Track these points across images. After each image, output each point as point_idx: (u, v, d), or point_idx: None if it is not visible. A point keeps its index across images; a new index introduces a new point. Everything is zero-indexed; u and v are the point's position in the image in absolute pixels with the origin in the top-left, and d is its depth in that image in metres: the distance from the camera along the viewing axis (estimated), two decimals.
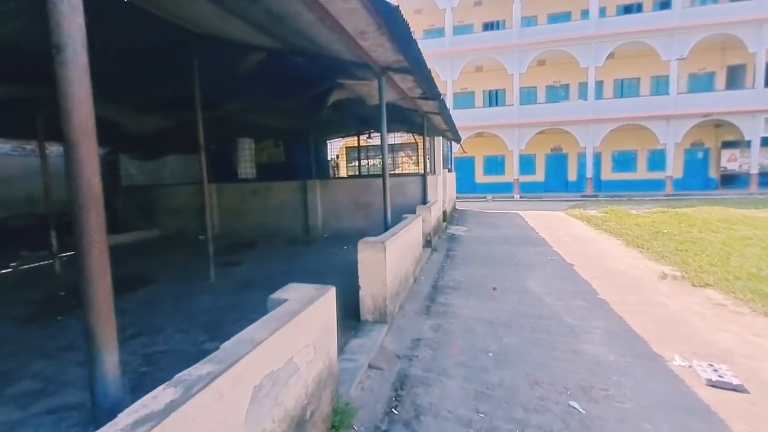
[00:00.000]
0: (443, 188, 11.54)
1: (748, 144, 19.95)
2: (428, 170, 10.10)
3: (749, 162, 20.41)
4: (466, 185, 24.77)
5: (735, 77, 21.55)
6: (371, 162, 16.34)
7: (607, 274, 5.96)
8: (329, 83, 6.14)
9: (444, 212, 11.45)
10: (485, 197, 21.70)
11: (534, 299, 4.91)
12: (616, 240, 8.85)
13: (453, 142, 17.20)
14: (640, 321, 4.11)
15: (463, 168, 24.82)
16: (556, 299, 4.87)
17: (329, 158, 16.94)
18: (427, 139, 9.75)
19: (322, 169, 14.73)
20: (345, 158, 18.34)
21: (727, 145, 21.92)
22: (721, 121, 20.48)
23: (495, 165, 24.73)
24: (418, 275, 6.10)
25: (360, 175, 13.83)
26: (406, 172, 14.68)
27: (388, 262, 3.99)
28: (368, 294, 4.01)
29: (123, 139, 8.75)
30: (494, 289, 5.37)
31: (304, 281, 2.46)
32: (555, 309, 4.53)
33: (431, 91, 6.19)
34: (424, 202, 8.70)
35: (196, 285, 5.76)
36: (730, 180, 21.80)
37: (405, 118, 9.98)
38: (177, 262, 7.43)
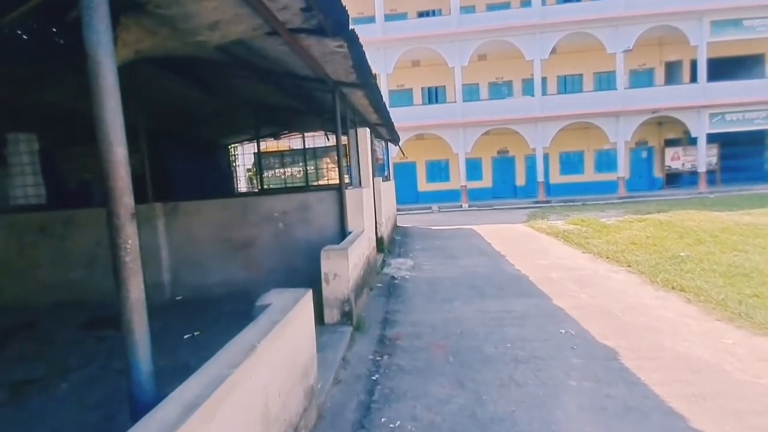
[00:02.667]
0: (378, 204, 8.20)
1: (692, 141, 19.19)
2: (351, 180, 6.66)
3: (693, 160, 19.71)
4: (408, 194, 21.81)
5: (673, 73, 20.97)
6: (290, 171, 12.59)
7: (699, 383, 2.87)
8: None
9: (380, 239, 8.07)
10: (430, 208, 18.86)
11: None
12: (631, 274, 6.04)
13: (391, 145, 14.04)
14: None
15: (404, 175, 21.86)
16: None
17: (235, 168, 12.87)
18: (349, 134, 6.34)
19: (222, 185, 10.68)
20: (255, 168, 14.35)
21: (670, 143, 21.24)
22: (664, 119, 19.62)
23: (439, 170, 22.10)
24: None
25: (242, 194, 10.07)
26: (323, 184, 11.10)
27: None
28: None
29: None
30: None
31: None
32: None
33: (330, 17, 2.78)
34: (343, 233, 5.23)
35: None
36: (675, 179, 21.10)
37: (309, 100, 6.47)
38: None
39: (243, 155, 13.26)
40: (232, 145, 12.71)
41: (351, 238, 4.85)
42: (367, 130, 6.60)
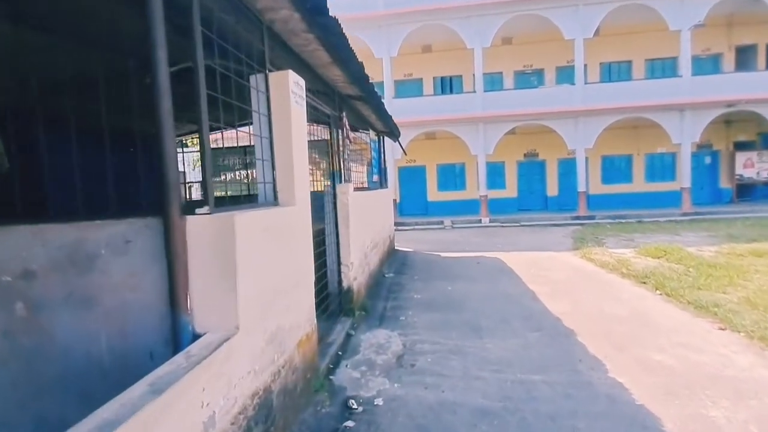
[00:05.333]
0: (347, 232, 4.66)
1: None
2: (249, 191, 3.13)
3: None
4: (415, 205, 18.22)
5: (745, 60, 16.95)
6: (233, 174, 9.15)
7: None
8: None
9: (345, 292, 4.51)
10: (441, 222, 15.22)
11: None
12: None
13: (387, 139, 10.49)
14: None
15: (410, 181, 18.29)
16: None
17: (187, 170, 9.46)
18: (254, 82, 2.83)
19: (162, 193, 7.28)
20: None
21: (740, 146, 17.18)
22: (733, 116, 15.64)
23: (453, 176, 18.44)
24: None
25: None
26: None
27: None
28: None
29: None
30: None
31: None
32: None
33: None
34: (180, 333, 1.71)
35: None
36: (747, 191, 16.99)
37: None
38: None
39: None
40: (188, 139, 9.38)
41: (183, 382, 1.34)
42: (298, 82, 3.05)
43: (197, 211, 1.97)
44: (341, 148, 5.24)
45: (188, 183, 10.72)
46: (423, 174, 18.40)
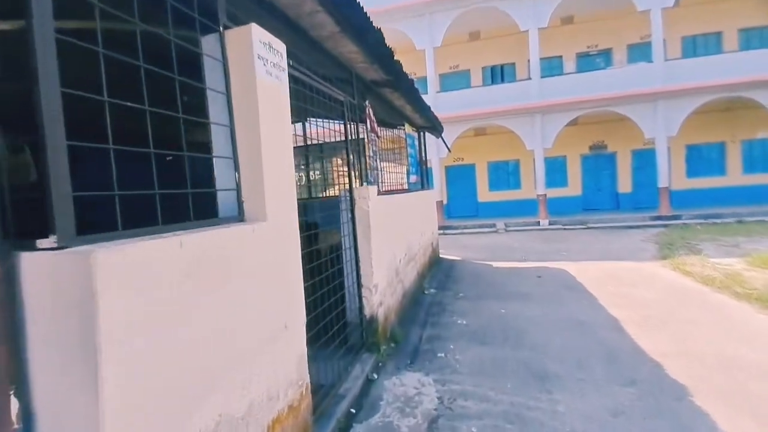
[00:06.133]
0: (387, 246, 3.74)
1: None
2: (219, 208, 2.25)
3: None
4: (464, 206, 16.89)
5: None
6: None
7: None
8: None
9: (368, 322, 3.58)
10: (494, 225, 13.79)
11: None
12: None
13: (431, 137, 9.44)
14: None
15: (458, 181, 17.00)
16: None
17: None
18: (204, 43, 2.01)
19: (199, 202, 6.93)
20: None
21: None
22: None
23: (506, 174, 16.84)
24: None
25: None
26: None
27: None
28: None
29: None
30: None
31: None
32: None
33: None
34: None
35: None
36: None
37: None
38: None
39: None
40: None
41: None
42: (271, 43, 2.16)
43: (39, 243, 1.13)
44: (363, 144, 4.33)
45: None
46: (472, 173, 17.00)
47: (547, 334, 4.19)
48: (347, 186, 3.76)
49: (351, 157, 3.75)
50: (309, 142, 5.19)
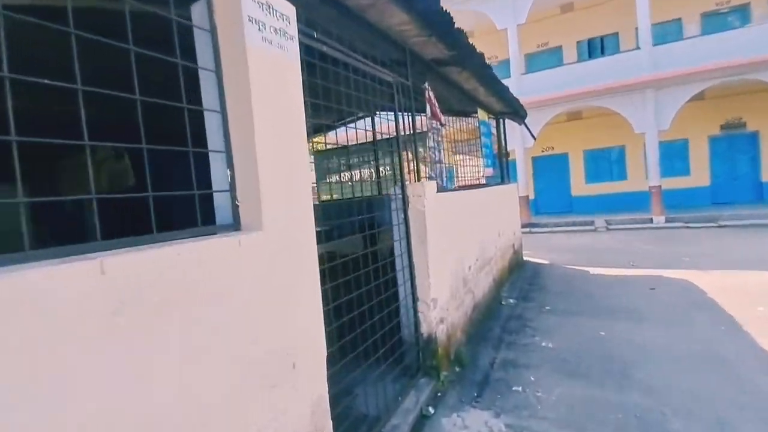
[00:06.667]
0: (450, 251, 3.15)
1: None
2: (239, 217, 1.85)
3: None
4: (554, 201, 15.10)
5: None
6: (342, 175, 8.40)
7: None
8: None
9: (426, 341, 3.01)
10: (591, 222, 11.99)
11: None
12: None
13: (508, 125, 8.37)
14: None
15: (547, 172, 15.25)
16: None
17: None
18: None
19: None
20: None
21: None
22: None
23: (607, 163, 14.62)
24: None
25: None
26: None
27: None
28: None
29: None
30: None
31: None
32: None
33: None
34: None
35: None
36: None
37: None
38: None
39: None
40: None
41: None
42: (269, 2, 1.69)
43: None
44: (422, 132, 3.73)
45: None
46: (565, 163, 15.10)
47: (666, 372, 3.15)
48: (400, 181, 3.21)
49: (404, 148, 3.19)
50: (378, 137, 4.74)
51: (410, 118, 3.42)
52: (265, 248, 1.56)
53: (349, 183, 5.34)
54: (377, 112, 4.28)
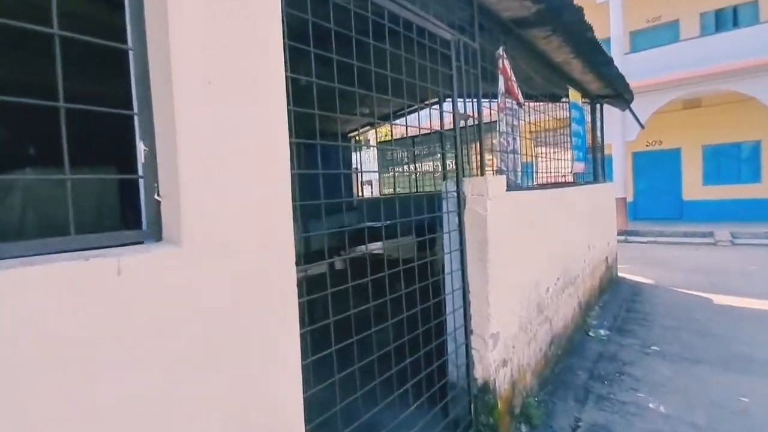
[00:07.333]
0: (521, 269, 2.33)
1: None
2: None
3: None
4: (660, 205, 12.76)
5: None
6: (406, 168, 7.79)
7: None
8: None
9: (483, 390, 2.21)
10: (710, 233, 9.78)
11: None
12: None
13: (605, 112, 6.92)
14: None
15: (652, 171, 12.93)
16: None
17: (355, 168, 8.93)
18: None
19: (341, 193, 6.84)
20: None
21: None
22: None
23: (733, 162, 11.90)
24: None
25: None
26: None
27: None
28: None
29: None
30: None
31: None
32: None
33: None
34: None
35: None
36: None
37: None
38: None
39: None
40: (353, 135, 8.89)
41: None
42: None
43: None
44: (490, 111, 2.88)
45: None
46: (676, 160, 12.64)
47: None
48: (455, 175, 2.42)
49: (461, 131, 2.39)
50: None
51: (475, 90, 2.59)
52: (182, 275, 0.93)
53: (408, 175, 4.63)
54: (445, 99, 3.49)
